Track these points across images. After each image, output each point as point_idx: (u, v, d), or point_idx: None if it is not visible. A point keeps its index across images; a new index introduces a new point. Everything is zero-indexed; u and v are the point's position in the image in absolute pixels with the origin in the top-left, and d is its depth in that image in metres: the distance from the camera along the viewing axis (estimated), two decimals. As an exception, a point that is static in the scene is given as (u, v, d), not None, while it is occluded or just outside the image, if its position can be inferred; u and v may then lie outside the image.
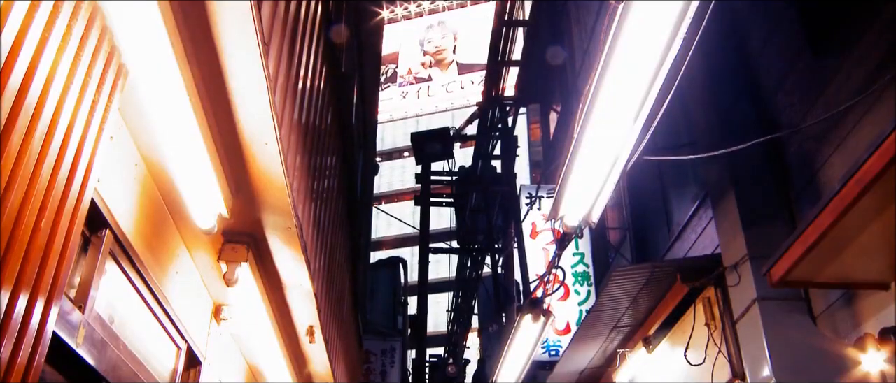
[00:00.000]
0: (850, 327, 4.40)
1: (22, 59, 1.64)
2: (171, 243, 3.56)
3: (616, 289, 6.16)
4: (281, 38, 3.07)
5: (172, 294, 3.54)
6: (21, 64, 1.64)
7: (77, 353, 2.49)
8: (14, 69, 1.62)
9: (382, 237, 36.20)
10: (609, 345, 7.41)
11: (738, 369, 5.16)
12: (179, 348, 3.85)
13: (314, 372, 5.89)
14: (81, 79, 1.92)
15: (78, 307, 2.53)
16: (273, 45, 2.88)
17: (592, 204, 4.17)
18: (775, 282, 3.98)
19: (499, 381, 7.55)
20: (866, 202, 3.18)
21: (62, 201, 1.86)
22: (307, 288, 4.35)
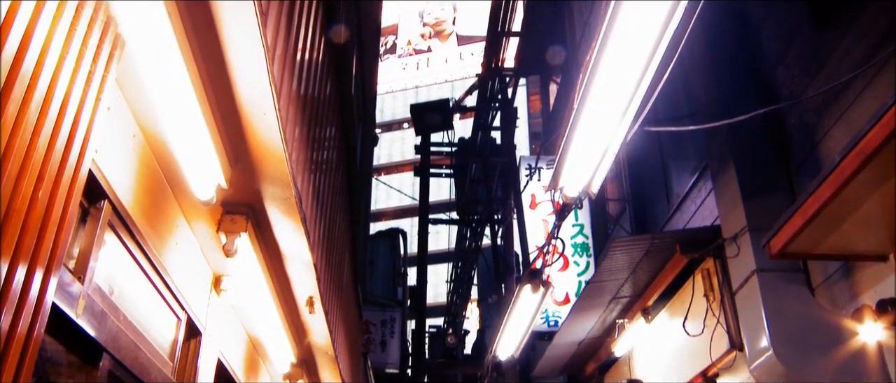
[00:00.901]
0: (848, 298, 4.41)
1: (16, 30, 1.63)
2: (170, 214, 3.56)
3: (615, 260, 6.18)
4: (279, 9, 3.05)
5: (172, 265, 3.55)
6: (15, 34, 1.63)
7: (77, 324, 2.50)
8: (8, 39, 1.60)
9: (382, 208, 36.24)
10: (608, 316, 7.45)
11: (737, 340, 5.19)
12: (179, 319, 3.86)
13: (314, 342, 5.92)
14: (77, 48, 1.91)
15: (77, 278, 2.53)
16: (271, 15, 2.85)
17: (592, 174, 4.17)
18: (774, 253, 3.99)
19: (498, 351, 7.60)
20: (866, 174, 3.18)
21: (60, 172, 1.85)
22: (307, 258, 4.35)
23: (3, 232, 1.62)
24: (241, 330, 5.26)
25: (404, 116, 37.72)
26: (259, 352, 5.79)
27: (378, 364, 15.56)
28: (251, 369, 5.55)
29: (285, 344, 5.58)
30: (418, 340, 13.52)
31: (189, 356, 4.03)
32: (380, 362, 15.80)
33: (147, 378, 3.23)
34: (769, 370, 4.49)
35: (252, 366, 5.58)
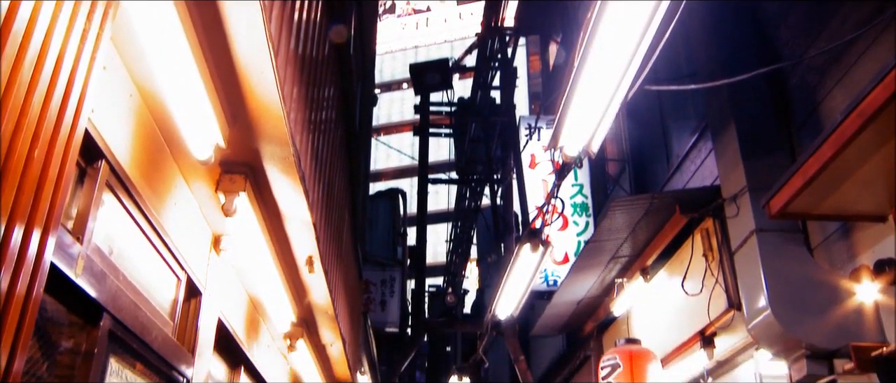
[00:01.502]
0: (846, 259, 4.43)
1: (9, -14, 1.60)
2: (169, 174, 3.55)
3: (615, 220, 6.19)
4: (276, -35, 3.00)
5: (171, 225, 3.54)
6: (8, -9, 1.60)
7: (76, 284, 2.50)
8: (0, -4, 1.58)
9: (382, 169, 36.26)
10: (607, 275, 7.48)
11: (735, 299, 5.22)
12: (179, 279, 3.87)
13: (314, 302, 5.95)
14: (71, 7, 1.88)
15: (76, 238, 2.53)
16: (268, -28, 2.81)
17: (592, 133, 4.15)
18: (774, 213, 4.00)
19: (497, 310, 7.64)
20: (868, 134, 3.17)
21: (55, 130, 1.83)
22: (306, 218, 4.35)
23: (0, 191, 1.61)
24: (241, 290, 5.28)
25: (404, 76, 37.59)
26: (259, 312, 5.82)
27: (378, 323, 15.68)
28: (252, 328, 5.58)
29: (285, 304, 5.60)
30: (418, 299, 13.59)
31: (189, 315, 4.04)
32: (380, 321, 15.92)
33: (148, 337, 3.24)
34: (767, 329, 4.52)
35: (252, 326, 5.61)
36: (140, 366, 3.30)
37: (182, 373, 3.79)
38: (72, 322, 2.75)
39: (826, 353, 4.26)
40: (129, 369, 3.13)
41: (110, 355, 2.89)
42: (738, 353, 5.59)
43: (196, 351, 4.02)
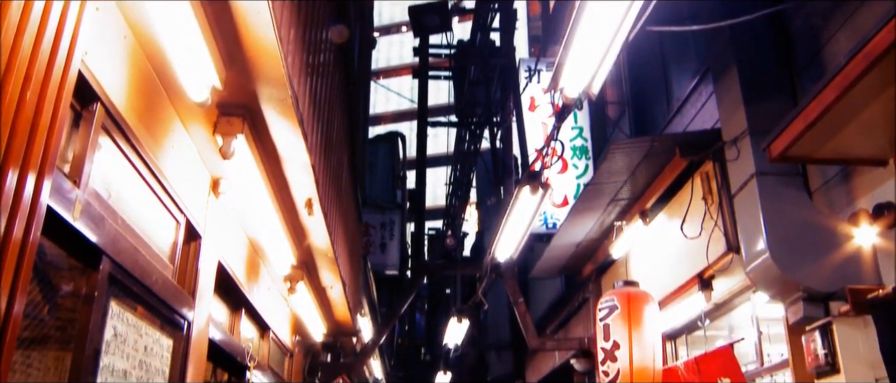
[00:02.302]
0: (845, 203, 4.42)
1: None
2: (166, 117, 3.52)
3: (615, 162, 6.17)
4: None
5: (169, 168, 3.53)
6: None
7: (75, 228, 2.49)
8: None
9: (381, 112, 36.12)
10: (606, 218, 7.49)
11: (733, 242, 5.23)
12: (178, 222, 3.86)
13: (314, 244, 5.96)
14: (61, -56, 1.84)
15: (73, 182, 2.51)
16: None
17: (593, 75, 4.10)
18: (775, 156, 3.98)
19: (497, 253, 7.67)
20: (871, 78, 3.14)
21: (47, 72, 1.81)
22: (304, 160, 4.34)
23: (-7, 134, 1.60)
24: (240, 233, 5.29)
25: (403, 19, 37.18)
26: (259, 255, 5.84)
27: (378, 266, 15.79)
28: (252, 271, 5.60)
29: (285, 247, 5.62)
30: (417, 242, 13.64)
31: (189, 259, 4.05)
32: (379, 264, 16.02)
33: (148, 280, 3.25)
34: (765, 272, 4.54)
35: (253, 269, 5.64)
36: (141, 309, 3.32)
37: (183, 316, 3.82)
38: (72, 266, 2.75)
39: (822, 296, 4.28)
40: (130, 312, 3.15)
41: (111, 298, 2.90)
42: (736, 296, 5.63)
43: (196, 293, 4.04)
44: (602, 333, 5.59)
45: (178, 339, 3.79)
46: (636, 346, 5.41)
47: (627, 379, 5.38)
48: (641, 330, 5.44)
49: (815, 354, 4.29)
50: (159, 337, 3.53)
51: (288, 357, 7.61)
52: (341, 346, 9.72)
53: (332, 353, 9.38)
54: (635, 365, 5.37)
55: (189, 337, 3.91)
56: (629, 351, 5.40)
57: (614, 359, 5.42)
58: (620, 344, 5.42)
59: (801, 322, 4.39)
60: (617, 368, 5.40)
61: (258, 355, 6.13)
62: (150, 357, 3.37)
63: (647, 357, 5.38)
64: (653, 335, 5.49)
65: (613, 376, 5.46)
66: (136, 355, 3.20)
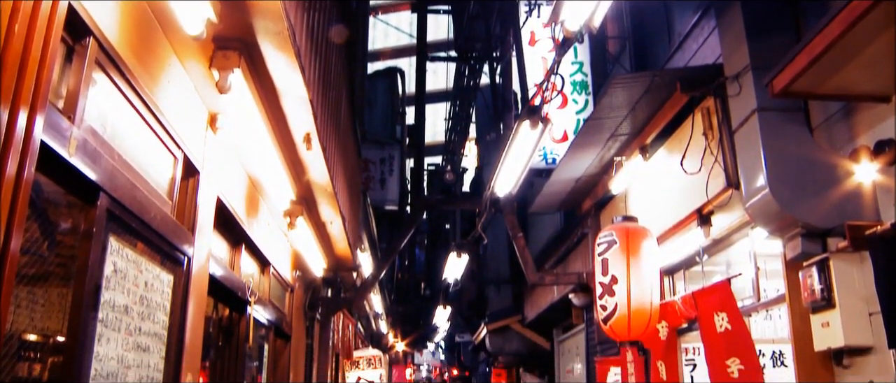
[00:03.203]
0: (847, 139, 4.40)
1: None
2: (161, 51, 3.47)
3: (615, 97, 6.13)
4: None
5: (165, 104, 3.49)
6: None
7: (71, 164, 2.48)
8: None
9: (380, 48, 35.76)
10: (606, 154, 7.47)
11: (733, 178, 5.22)
12: (176, 158, 3.84)
13: (313, 180, 5.95)
14: None
15: (67, 117, 2.48)
16: None
17: (594, 8, 4.04)
18: (777, 92, 3.95)
19: (496, 188, 7.67)
20: (877, 14, 3.09)
21: (36, 6, 1.77)
22: (302, 94, 4.30)
23: (-18, 69, 1.57)
24: (239, 169, 5.27)
25: (401, -49, 36.51)
26: (258, 190, 5.84)
27: (377, 201, 15.82)
28: (251, 207, 5.61)
29: (284, 182, 5.62)
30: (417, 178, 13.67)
31: (188, 194, 4.04)
32: (379, 199, 16.06)
33: (146, 216, 3.24)
34: (764, 208, 4.54)
35: (252, 204, 5.64)
36: (141, 245, 3.32)
37: (183, 251, 3.83)
38: (70, 202, 2.75)
39: (821, 232, 4.29)
40: (129, 248, 3.15)
41: (109, 234, 2.90)
42: (734, 232, 5.65)
43: (196, 229, 4.05)
44: (600, 268, 5.62)
45: (179, 275, 3.81)
46: (634, 281, 5.44)
47: (625, 314, 5.42)
48: (639, 264, 5.46)
49: (811, 289, 4.32)
50: (159, 273, 3.55)
51: (288, 292, 7.68)
52: (341, 281, 9.79)
53: (332, 288, 9.46)
54: (633, 299, 5.41)
55: (189, 272, 3.92)
56: (627, 285, 5.43)
57: (612, 294, 5.46)
58: (618, 278, 5.45)
59: (798, 257, 4.41)
60: (614, 302, 5.45)
61: (259, 290, 6.18)
62: (150, 292, 3.39)
63: (644, 291, 5.42)
64: (651, 270, 5.52)
65: (611, 310, 5.50)
66: (136, 290, 3.21)
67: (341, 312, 9.68)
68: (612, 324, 5.49)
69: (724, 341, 5.07)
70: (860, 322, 4.09)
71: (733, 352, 4.99)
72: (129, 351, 3.12)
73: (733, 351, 5.00)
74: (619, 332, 5.50)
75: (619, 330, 5.47)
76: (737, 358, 4.96)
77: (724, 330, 5.07)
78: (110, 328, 2.91)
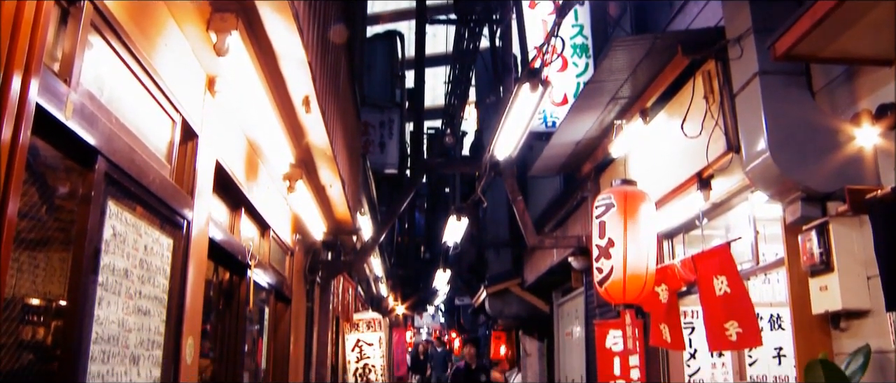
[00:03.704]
0: (848, 103, 4.38)
1: None
2: (157, 14, 3.44)
3: (616, 60, 6.09)
4: None
5: (162, 67, 3.47)
6: None
7: (68, 127, 2.46)
8: None
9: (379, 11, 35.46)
10: (606, 117, 7.45)
11: (734, 142, 5.21)
12: (174, 121, 3.83)
13: (312, 143, 5.94)
14: None
15: (63, 80, 2.46)
16: None
17: (595, -28, 4.00)
18: (779, 55, 3.92)
19: (496, 151, 7.66)
20: (883, -26, 3.05)
21: (28, -33, 1.74)
22: (301, 57, 4.27)
23: (-26, 32, 1.55)
24: (238, 133, 5.26)
25: (401, -89, 36.08)
26: (257, 154, 5.82)
27: (377, 165, 15.79)
28: (250, 170, 5.60)
29: (283, 145, 5.60)
30: (417, 141, 13.63)
31: (187, 158, 4.03)
32: (379, 163, 16.03)
33: (145, 180, 3.24)
34: (764, 172, 4.53)
35: (251, 168, 5.63)
36: (140, 209, 3.32)
37: (182, 215, 3.83)
38: (68, 167, 2.74)
39: (821, 196, 4.29)
40: (128, 212, 3.15)
41: (108, 198, 2.90)
42: (734, 196, 5.65)
43: (195, 193, 4.04)
44: (597, 230, 5.63)
45: (178, 239, 3.81)
46: (631, 244, 5.45)
47: (620, 277, 5.44)
48: (637, 228, 5.47)
49: (810, 253, 4.33)
50: (159, 237, 3.55)
51: (288, 255, 7.70)
52: (342, 244, 9.82)
53: (332, 251, 9.48)
54: (629, 263, 5.42)
55: (189, 236, 3.93)
56: (624, 248, 5.44)
57: (608, 256, 5.48)
58: (615, 241, 5.46)
59: (798, 221, 4.41)
60: (610, 265, 5.46)
61: (259, 254, 6.19)
62: (150, 256, 3.40)
63: (640, 255, 5.43)
64: (648, 233, 5.53)
65: (607, 273, 5.52)
66: (136, 254, 3.22)
67: (341, 275, 9.71)
68: (607, 287, 5.51)
69: (723, 304, 5.09)
70: (858, 285, 4.11)
71: (732, 315, 5.01)
72: (129, 314, 3.13)
73: (732, 314, 5.02)
74: (614, 295, 5.53)
75: (614, 293, 5.49)
76: (735, 321, 4.98)
77: (724, 293, 5.08)
78: (110, 292, 2.92)
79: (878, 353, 3.97)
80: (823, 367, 3.78)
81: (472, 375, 12.16)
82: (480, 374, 12.34)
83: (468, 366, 12.30)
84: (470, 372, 12.19)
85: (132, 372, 3.18)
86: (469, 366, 12.28)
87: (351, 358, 10.29)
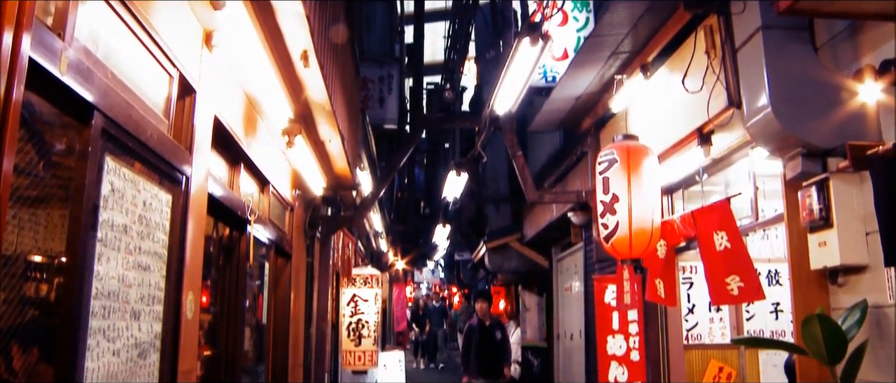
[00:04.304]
0: (851, 59, 4.34)
1: None
2: (152, -34, 3.39)
3: (617, 14, 6.04)
4: None
5: (159, 21, 3.43)
6: None
7: (63, 82, 2.44)
8: None
9: (378, -38, 35.03)
10: (606, 72, 7.40)
11: (735, 97, 5.18)
12: (171, 76, 3.79)
13: (311, 98, 5.90)
14: None
15: (57, 35, 2.43)
16: None
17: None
18: (782, 10, 3.88)
19: (495, 106, 7.62)
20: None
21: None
22: (299, 10, 4.22)
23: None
24: (236, 88, 5.22)
25: None
26: (256, 109, 5.79)
27: (376, 120, 15.75)
28: (249, 126, 5.57)
29: (282, 100, 5.57)
30: (416, 96, 13.58)
31: (184, 113, 4.00)
32: (378, 118, 15.98)
33: (142, 135, 3.22)
34: (765, 127, 4.51)
35: (250, 123, 5.60)
36: (138, 165, 3.30)
37: (181, 170, 3.81)
38: (65, 123, 2.72)
39: (822, 152, 4.27)
40: (127, 168, 3.14)
41: (106, 154, 2.88)
42: (734, 151, 5.63)
43: (193, 148, 4.02)
44: (601, 186, 5.61)
45: (177, 194, 3.80)
46: (635, 199, 5.44)
47: (626, 232, 5.44)
48: (641, 182, 5.46)
49: (809, 209, 4.33)
50: (158, 192, 3.54)
51: (288, 211, 7.70)
52: (341, 200, 9.82)
53: (332, 207, 9.49)
54: (634, 218, 5.41)
55: (188, 191, 3.91)
56: (628, 203, 5.43)
57: (613, 212, 5.47)
58: (620, 196, 5.45)
59: (798, 177, 4.40)
60: (616, 220, 5.46)
61: (258, 209, 6.19)
62: (149, 212, 3.39)
63: (645, 210, 5.43)
64: (652, 188, 5.51)
65: (612, 228, 5.51)
66: (135, 210, 3.21)
67: (341, 231, 9.73)
68: (613, 243, 5.51)
69: (724, 259, 5.11)
70: (857, 241, 4.12)
71: (733, 270, 5.03)
72: (129, 270, 3.14)
73: (733, 268, 5.04)
74: (620, 250, 5.53)
75: (621, 248, 5.50)
76: (736, 275, 5.00)
77: (724, 248, 5.10)
78: (110, 247, 2.92)
79: (875, 308, 4.00)
80: (820, 322, 3.80)
81: (487, 333, 11.06)
82: (495, 331, 11.20)
83: (481, 323, 11.12)
84: (484, 329, 11.07)
85: (133, 327, 3.19)
86: (482, 323, 11.11)
87: (345, 312, 10.36)
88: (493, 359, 10.86)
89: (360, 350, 10.28)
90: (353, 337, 10.30)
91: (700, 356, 6.97)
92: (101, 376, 2.84)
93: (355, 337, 10.28)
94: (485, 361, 10.79)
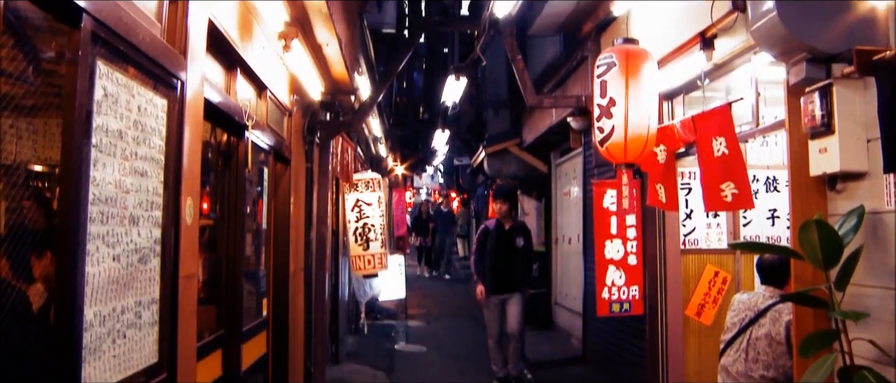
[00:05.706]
0: (863, -42, 4.22)
1: None
2: None
3: (621, -85, 5.86)
4: None
5: (147, -82, 3.32)
6: None
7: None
8: None
9: None
10: (609, -25, 7.25)
11: (740, 0, 5.08)
12: (163, -23, 3.70)
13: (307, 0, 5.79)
14: None
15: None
16: None
17: None
18: None
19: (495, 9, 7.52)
20: None
21: None
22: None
23: None
24: (230, -11, 5.10)
25: None
26: (251, 12, 5.67)
27: (375, 24, 15.51)
28: (245, 30, 5.46)
29: (278, 3, 5.46)
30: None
31: (177, 16, 3.91)
32: (376, 22, 15.74)
33: (134, 39, 3.15)
34: (770, 31, 4.41)
35: (245, 27, 5.49)
36: (132, 70, 3.25)
37: (176, 75, 3.76)
38: (54, 28, 2.66)
39: (826, 58, 4.20)
40: (120, 72, 3.08)
41: (97, 58, 2.82)
42: (737, 56, 5.56)
43: (188, 52, 3.95)
44: (599, 90, 5.56)
45: (173, 99, 3.75)
46: (632, 104, 5.39)
47: (621, 136, 5.42)
48: (639, 87, 5.40)
49: (811, 115, 4.28)
50: (153, 97, 3.49)
51: (286, 116, 7.65)
52: (340, 105, 9.75)
53: (330, 112, 9.42)
54: (630, 121, 5.38)
55: (183, 97, 3.87)
56: (625, 107, 5.39)
57: (610, 116, 5.43)
58: (616, 100, 5.40)
59: (801, 83, 4.34)
60: (611, 124, 5.43)
61: (256, 114, 6.14)
62: (144, 117, 3.35)
63: (642, 115, 5.39)
64: (649, 93, 5.46)
65: (608, 132, 5.49)
66: (129, 115, 3.17)
67: (340, 136, 9.69)
68: (608, 147, 5.50)
69: (721, 165, 5.10)
70: (857, 147, 4.09)
71: (728, 176, 5.04)
72: (126, 175, 3.12)
73: (728, 175, 5.04)
74: (615, 154, 5.52)
75: (616, 152, 5.48)
76: (731, 182, 5.01)
77: (722, 154, 5.09)
78: (105, 153, 2.90)
79: (872, 214, 4.01)
80: (817, 227, 3.82)
81: (507, 237, 9.66)
82: (517, 237, 9.66)
83: (500, 226, 9.73)
84: (503, 233, 9.66)
85: (132, 232, 3.20)
86: (501, 226, 9.73)
87: (350, 217, 10.42)
88: (513, 272, 9.52)
89: (368, 254, 10.36)
90: (360, 241, 10.37)
91: (697, 260, 7.04)
92: (101, 281, 2.86)
93: (363, 241, 10.35)
94: (501, 274, 9.52)
